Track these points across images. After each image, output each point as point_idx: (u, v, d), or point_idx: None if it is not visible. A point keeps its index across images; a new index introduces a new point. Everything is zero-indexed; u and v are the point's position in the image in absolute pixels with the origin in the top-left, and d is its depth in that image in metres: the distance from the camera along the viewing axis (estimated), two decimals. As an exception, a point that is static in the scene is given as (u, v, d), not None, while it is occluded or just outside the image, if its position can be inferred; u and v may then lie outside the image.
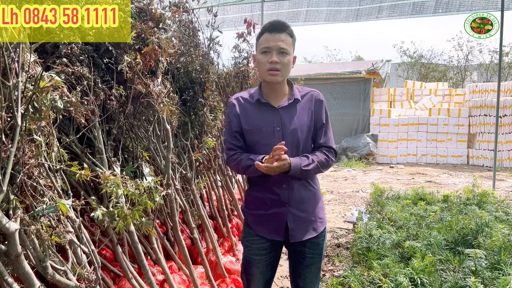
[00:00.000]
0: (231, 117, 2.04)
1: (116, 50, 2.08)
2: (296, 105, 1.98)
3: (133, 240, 2.16)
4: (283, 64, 1.90)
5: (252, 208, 2.09)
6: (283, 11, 7.90)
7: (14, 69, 0.95)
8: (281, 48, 1.88)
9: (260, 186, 2.04)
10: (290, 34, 1.92)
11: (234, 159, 2.01)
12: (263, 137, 1.95)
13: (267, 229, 2.03)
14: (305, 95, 2.02)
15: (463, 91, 13.02)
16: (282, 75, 1.92)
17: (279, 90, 1.99)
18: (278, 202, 1.98)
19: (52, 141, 1.42)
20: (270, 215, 2.00)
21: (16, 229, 1.15)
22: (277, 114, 1.96)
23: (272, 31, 1.90)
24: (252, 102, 2.01)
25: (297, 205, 1.98)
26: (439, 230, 4.03)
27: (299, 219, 1.99)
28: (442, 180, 9.18)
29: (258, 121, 1.97)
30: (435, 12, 7.01)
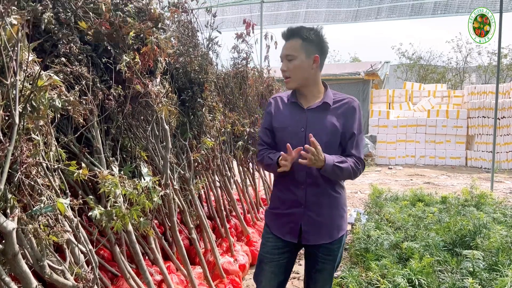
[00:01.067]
0: (265, 114, 2.14)
1: (114, 49, 2.08)
2: (326, 108, 1.98)
3: (131, 240, 2.16)
4: (290, 70, 1.95)
5: (272, 206, 2.14)
6: (282, 12, 7.91)
7: (12, 68, 0.95)
8: (286, 55, 1.95)
9: (281, 185, 2.08)
10: (300, 37, 1.93)
11: (260, 155, 2.11)
12: (288, 136, 1.98)
13: (282, 229, 2.05)
14: (339, 101, 2.02)
15: (461, 93, 13.04)
16: (294, 80, 1.97)
17: (309, 93, 2.02)
18: (295, 202, 2.00)
19: (50, 140, 1.42)
20: (286, 214, 2.03)
21: (13, 228, 1.15)
22: (304, 115, 1.99)
23: (283, 39, 2.00)
24: (285, 102, 2.08)
25: (313, 208, 1.99)
26: (437, 231, 4.03)
27: (313, 222, 1.99)
28: (440, 181, 9.19)
29: (286, 120, 2.03)
30: (434, 13, 7.03)
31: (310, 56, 1.94)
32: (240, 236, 4.30)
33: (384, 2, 7.16)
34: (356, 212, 5.58)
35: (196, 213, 3.33)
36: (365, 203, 6.53)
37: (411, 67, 21.86)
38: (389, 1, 7.12)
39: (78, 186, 2.16)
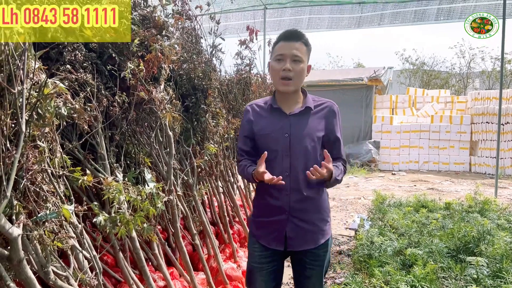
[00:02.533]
0: (243, 122, 2.09)
1: (119, 57, 2.10)
2: (308, 113, 1.98)
3: (134, 246, 2.17)
4: (296, 72, 1.90)
5: (256, 215, 2.11)
6: (285, 18, 7.94)
7: (19, 76, 0.96)
8: (295, 55, 1.89)
9: (264, 193, 2.04)
10: (305, 43, 1.92)
11: (239, 165, 2.08)
12: (271, 143, 1.96)
13: (267, 237, 2.03)
14: (320, 105, 2.02)
15: (465, 99, 13.02)
16: (295, 84, 1.93)
17: (292, 98, 2.00)
18: (279, 209, 1.97)
19: (55, 147, 1.43)
20: (271, 222, 2.01)
21: (19, 234, 1.16)
22: (287, 120, 1.96)
23: (288, 39, 1.91)
24: (265, 108, 2.03)
25: (297, 214, 1.97)
26: (441, 237, 4.02)
27: (298, 228, 1.97)
28: (444, 187, 9.16)
29: (268, 126, 1.99)
30: (436, 19, 7.05)
31: (307, 63, 1.96)
32: (243, 242, 4.29)
33: (387, 8, 7.19)
34: (360, 218, 5.56)
35: (199, 219, 3.34)
36: (368, 209, 6.52)
37: (415, 73, 21.85)
38: (392, 7, 7.14)
39: (82, 192, 2.17)
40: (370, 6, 7.18)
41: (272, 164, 1.95)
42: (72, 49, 1.93)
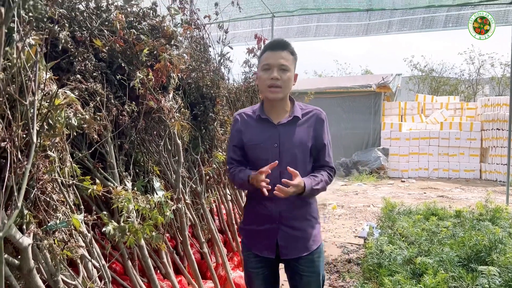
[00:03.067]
0: (233, 132, 2.11)
1: (128, 66, 2.12)
2: (296, 122, 1.99)
3: (143, 254, 2.17)
4: (283, 80, 1.91)
5: (246, 223, 2.13)
6: (293, 26, 7.96)
7: (31, 88, 0.97)
8: (281, 64, 1.90)
9: (254, 201, 2.06)
10: (291, 52, 1.95)
11: (230, 173, 2.08)
12: (261, 153, 1.98)
13: (259, 245, 2.04)
14: (307, 113, 2.03)
15: (475, 105, 12.91)
16: (283, 91, 1.93)
17: (280, 106, 2.00)
18: (270, 217, 1.99)
19: (65, 156, 1.44)
20: (262, 231, 2.02)
21: (29, 244, 1.17)
22: (275, 130, 1.97)
23: (273, 48, 1.93)
24: (254, 118, 2.04)
25: (288, 222, 1.98)
26: (452, 246, 3.97)
27: (289, 236, 1.98)
28: (454, 194, 9.06)
29: (257, 136, 2.00)
30: (445, 26, 7.02)
31: (293, 73, 1.98)
32: (251, 250, 4.27)
33: (395, 15, 7.18)
34: (369, 226, 5.53)
35: (207, 227, 3.33)
36: (377, 217, 6.47)
37: (423, 79, 21.75)
38: (400, 15, 7.13)
39: (91, 201, 2.18)
40: (378, 13, 7.17)
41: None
42: (82, 59, 1.95)
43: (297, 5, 7.22)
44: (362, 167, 11.82)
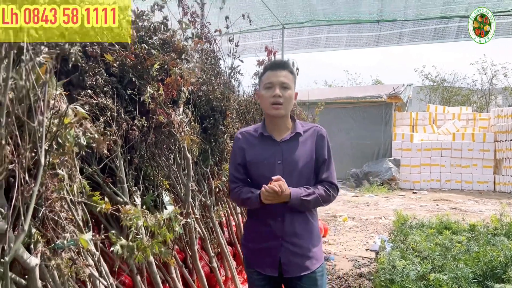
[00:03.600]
0: (236, 150, 2.11)
1: (139, 81, 2.12)
2: (298, 138, 2.02)
3: (151, 270, 2.15)
4: (285, 98, 1.96)
5: (248, 240, 2.12)
6: (303, 37, 7.97)
7: (40, 108, 0.97)
8: (283, 82, 1.96)
9: (256, 218, 2.07)
10: (291, 72, 2.01)
11: (235, 192, 2.07)
12: (265, 170, 1.99)
13: (262, 263, 2.03)
14: (308, 130, 2.07)
15: (487, 116, 12.75)
16: (285, 108, 1.98)
17: (282, 124, 2.04)
18: (272, 235, 1.99)
19: (75, 172, 1.43)
20: (264, 249, 2.02)
21: (36, 264, 1.15)
22: (278, 147, 2.00)
23: (274, 68, 1.99)
24: (256, 136, 2.07)
25: (290, 239, 1.98)
26: (466, 262, 3.87)
27: (292, 254, 1.98)
28: (467, 207, 8.91)
29: (260, 154, 2.02)
30: (457, 37, 6.95)
31: (294, 91, 2.04)
32: (261, 264, 4.22)
33: (406, 26, 7.14)
34: (380, 240, 5.45)
35: (216, 240, 3.30)
36: (389, 230, 6.37)
37: (435, 90, 21.57)
38: (411, 26, 7.09)
39: (100, 215, 2.17)
40: (389, 24, 7.13)
41: None
42: (93, 73, 1.96)
43: (307, 17, 7.22)
44: (373, 178, 11.70)
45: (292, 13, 7.18)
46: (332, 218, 7.64)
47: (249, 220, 2.17)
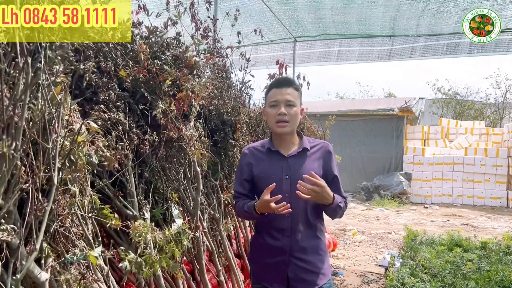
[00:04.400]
0: (243, 166, 2.12)
1: (151, 96, 2.15)
2: (305, 154, 2.03)
3: (159, 284, 2.16)
4: (290, 115, 1.98)
5: (256, 255, 2.13)
6: (315, 50, 8.01)
7: (54, 129, 1.00)
8: (288, 100, 1.98)
9: (264, 231, 2.07)
10: (296, 89, 2.03)
11: (237, 205, 2.09)
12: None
13: (270, 278, 2.03)
14: (315, 145, 2.08)
15: (501, 131, 12.60)
16: (291, 125, 2.00)
17: (289, 140, 2.06)
18: (280, 250, 1.99)
19: (86, 187, 1.46)
20: (272, 264, 2.01)
21: (46, 279, 1.17)
22: (286, 162, 2.01)
23: (279, 86, 2.02)
24: (263, 151, 2.08)
25: (298, 255, 1.98)
26: (477, 281, 3.82)
27: (300, 269, 1.98)
28: (479, 223, 8.77)
29: (268, 169, 2.03)
30: (470, 53, 6.92)
31: (300, 107, 2.06)
32: (269, 277, 4.20)
33: (418, 41, 7.13)
34: (390, 255, 5.39)
35: (224, 254, 3.31)
36: (399, 246, 6.31)
37: (447, 103, 21.41)
38: (423, 40, 7.08)
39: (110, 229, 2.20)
40: (401, 39, 7.14)
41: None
42: (107, 89, 2.00)
43: (319, 31, 7.26)
44: (384, 192, 11.60)
45: (304, 27, 7.24)
46: (341, 232, 7.59)
47: (256, 235, 2.17)
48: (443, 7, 6.11)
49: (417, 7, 6.13)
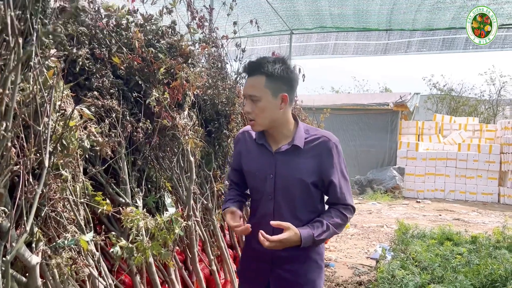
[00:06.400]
0: (235, 153, 1.98)
1: (145, 84, 2.15)
2: (296, 152, 1.71)
3: (151, 271, 2.17)
4: (255, 113, 1.65)
5: (243, 257, 2.03)
6: (311, 43, 7.99)
7: (46, 112, 0.99)
8: (250, 95, 1.65)
9: (250, 234, 1.75)
10: (265, 73, 1.62)
11: (226, 195, 2.01)
12: (256, 182, 1.80)
13: (250, 284, 1.91)
14: (312, 141, 1.72)
15: (494, 127, 12.70)
16: (260, 123, 1.68)
17: (277, 132, 1.74)
18: (262, 256, 1.79)
19: (78, 173, 1.46)
20: (254, 270, 1.86)
21: (37, 263, 1.18)
22: (272, 159, 1.73)
23: (246, 74, 1.71)
24: (254, 140, 1.83)
25: (281, 264, 1.76)
26: (466, 274, 3.87)
27: (282, 280, 1.77)
28: (470, 218, 8.86)
29: (254, 164, 1.80)
30: (465, 48, 6.95)
31: (277, 95, 1.64)
32: (261, 268, 4.23)
33: (414, 36, 7.14)
34: (382, 248, 5.44)
35: (217, 244, 3.32)
36: (391, 239, 6.36)
37: (442, 99, 21.49)
38: (419, 35, 7.10)
39: (102, 215, 2.20)
40: (397, 33, 7.15)
41: (257, 205, 1.82)
42: (100, 75, 1.99)
43: (316, 23, 7.25)
44: (377, 186, 11.68)
45: (301, 19, 7.21)
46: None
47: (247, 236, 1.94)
48: (440, 3, 6.13)
49: (414, 1, 6.15)
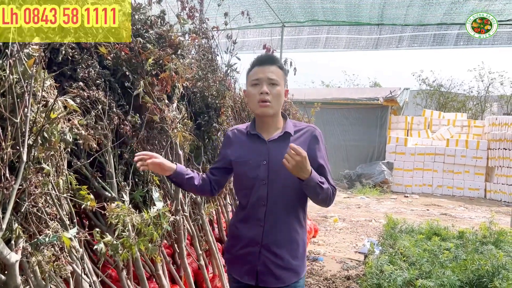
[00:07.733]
0: (221, 150, 2.06)
1: (133, 75, 2.09)
2: (288, 139, 1.85)
3: (137, 267, 2.13)
4: (273, 95, 1.81)
5: (229, 244, 2.02)
6: (302, 37, 7.94)
7: (24, 103, 0.94)
8: (270, 79, 1.81)
9: (239, 220, 1.95)
10: (280, 67, 1.87)
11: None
12: (249, 170, 1.87)
13: (239, 270, 1.93)
14: (300, 129, 1.91)
15: (482, 123, 12.81)
16: (273, 107, 1.83)
17: (271, 123, 1.90)
18: (251, 241, 1.87)
19: (61, 167, 1.41)
20: (242, 255, 1.90)
21: (16, 260, 1.13)
22: (265, 147, 1.86)
23: (262, 63, 1.85)
24: (245, 134, 1.95)
25: (270, 248, 1.85)
26: (453, 269, 3.88)
27: (270, 263, 1.85)
28: (457, 213, 8.95)
29: (246, 153, 1.90)
30: (456, 44, 6.96)
31: (284, 88, 1.90)
32: (249, 262, 4.21)
33: (405, 31, 7.13)
34: (370, 243, 5.45)
35: (205, 238, 3.29)
36: (379, 233, 6.39)
37: (431, 95, 21.62)
38: (411, 30, 7.09)
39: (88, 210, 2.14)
40: (389, 28, 7.13)
41: (250, 193, 1.87)
42: (86, 66, 1.92)
43: (308, 16, 7.19)
44: (366, 180, 11.73)
45: (293, 12, 7.15)
46: (322, 219, 7.65)
47: (232, 221, 2.05)
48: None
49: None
